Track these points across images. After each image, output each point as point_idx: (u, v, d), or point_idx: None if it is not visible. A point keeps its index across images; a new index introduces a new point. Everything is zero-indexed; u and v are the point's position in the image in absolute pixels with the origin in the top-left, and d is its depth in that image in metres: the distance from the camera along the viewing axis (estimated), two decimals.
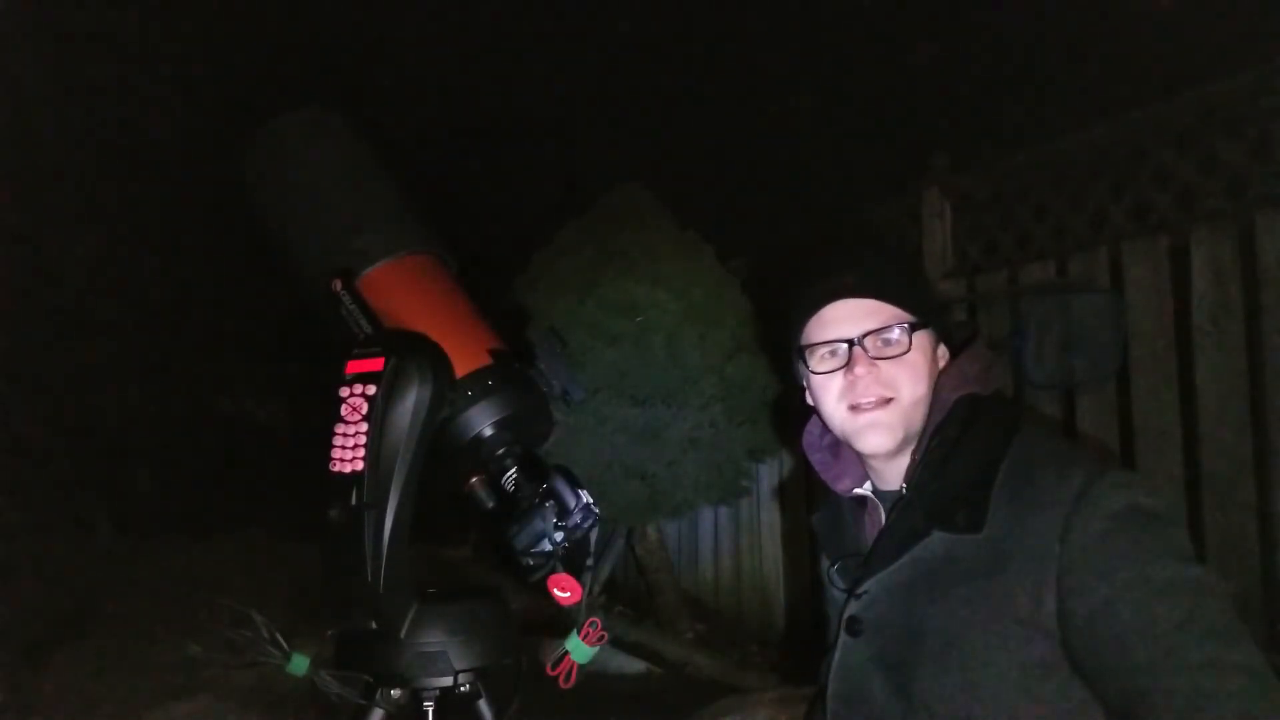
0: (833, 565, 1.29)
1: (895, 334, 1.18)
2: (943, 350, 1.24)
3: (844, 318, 1.20)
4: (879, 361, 1.17)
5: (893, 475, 1.23)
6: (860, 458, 1.26)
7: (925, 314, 1.20)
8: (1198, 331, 2.49)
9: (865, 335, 1.18)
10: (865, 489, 1.28)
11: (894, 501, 1.22)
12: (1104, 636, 0.98)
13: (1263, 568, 2.35)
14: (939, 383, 1.20)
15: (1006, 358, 2.86)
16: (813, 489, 3.97)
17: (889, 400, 1.17)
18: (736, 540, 4.43)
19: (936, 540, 1.11)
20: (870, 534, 1.26)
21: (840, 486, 1.29)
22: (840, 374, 1.19)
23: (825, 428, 1.28)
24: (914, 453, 1.19)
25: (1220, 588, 0.99)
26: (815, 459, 1.32)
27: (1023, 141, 3.29)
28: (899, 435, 1.18)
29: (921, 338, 1.19)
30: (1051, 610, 1.01)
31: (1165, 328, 2.60)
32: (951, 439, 1.15)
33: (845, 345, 1.18)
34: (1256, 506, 2.36)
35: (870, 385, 1.17)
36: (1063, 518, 1.02)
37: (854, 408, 1.18)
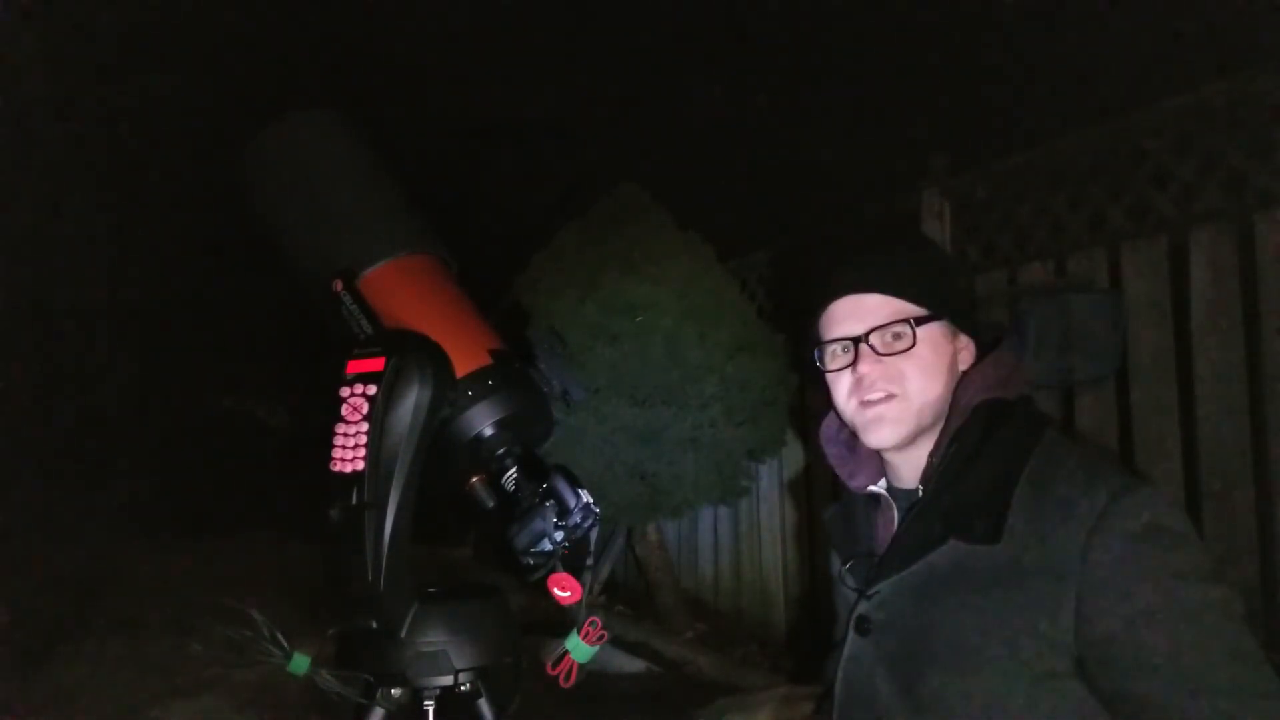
0: (845, 564, 1.28)
1: (899, 329, 1.16)
2: (964, 340, 1.21)
3: (851, 314, 1.19)
4: (886, 357, 1.16)
5: (908, 472, 1.22)
6: (876, 453, 1.26)
7: (938, 306, 1.18)
8: (1198, 331, 2.50)
9: (870, 332, 1.17)
10: (879, 487, 1.27)
11: (909, 504, 1.21)
12: (1124, 657, 0.97)
13: (1262, 567, 2.35)
14: (960, 385, 1.18)
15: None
16: (812, 486, 3.98)
17: (895, 396, 1.16)
18: (736, 540, 4.43)
19: (952, 548, 1.10)
20: (883, 533, 1.25)
21: (855, 483, 1.29)
22: (849, 371, 1.19)
23: (842, 423, 1.27)
24: (931, 455, 1.18)
25: (1240, 608, 0.98)
26: (831, 453, 1.31)
27: (1022, 142, 3.29)
28: (907, 430, 1.17)
29: (932, 331, 1.17)
30: (1068, 627, 1.00)
31: (1165, 327, 2.60)
32: (970, 445, 1.13)
33: (852, 343, 1.18)
34: (1255, 506, 2.36)
35: (876, 382, 1.17)
36: (1084, 535, 1.01)
37: (863, 403, 1.18)
